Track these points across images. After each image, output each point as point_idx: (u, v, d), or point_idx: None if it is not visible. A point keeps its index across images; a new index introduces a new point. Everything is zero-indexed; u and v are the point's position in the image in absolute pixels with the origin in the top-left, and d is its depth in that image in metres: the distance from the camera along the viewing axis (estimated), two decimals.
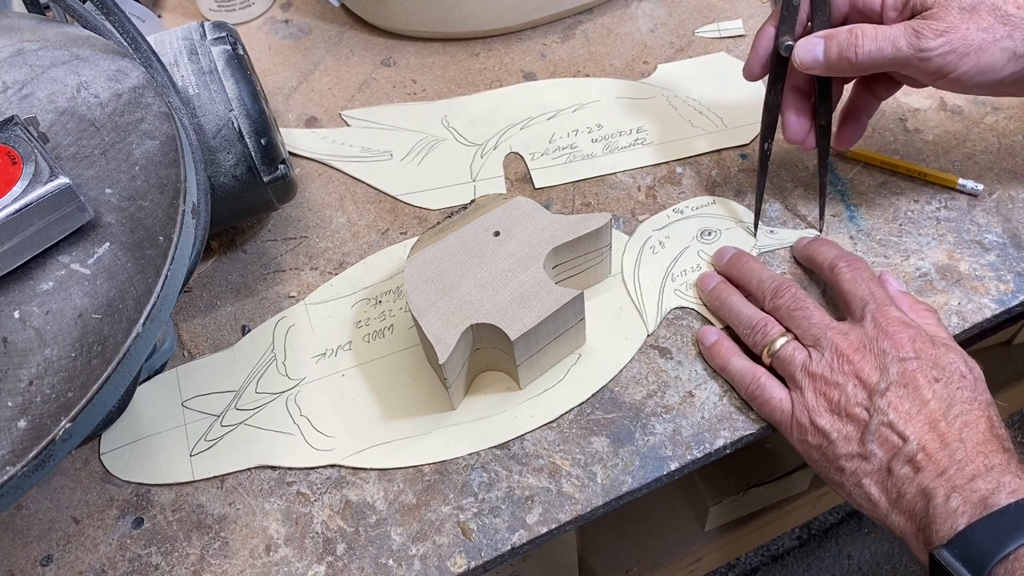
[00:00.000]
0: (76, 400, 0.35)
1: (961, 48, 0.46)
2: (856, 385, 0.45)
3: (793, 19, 0.51)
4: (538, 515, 0.47)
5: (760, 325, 0.50)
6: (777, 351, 0.49)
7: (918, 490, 0.42)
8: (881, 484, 0.44)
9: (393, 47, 0.73)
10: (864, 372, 0.45)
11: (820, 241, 0.54)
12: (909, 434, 0.43)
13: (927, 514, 0.41)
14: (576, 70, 0.70)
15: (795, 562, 1.18)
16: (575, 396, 0.51)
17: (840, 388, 0.46)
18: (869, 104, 0.55)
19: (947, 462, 0.42)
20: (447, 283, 0.49)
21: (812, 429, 0.46)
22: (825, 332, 0.47)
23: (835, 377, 0.46)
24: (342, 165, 0.65)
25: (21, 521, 0.49)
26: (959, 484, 0.41)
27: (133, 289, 0.38)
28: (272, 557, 0.47)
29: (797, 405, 0.47)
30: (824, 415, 0.46)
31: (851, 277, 0.50)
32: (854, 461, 0.45)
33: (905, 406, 0.44)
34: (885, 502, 0.44)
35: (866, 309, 0.48)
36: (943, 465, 0.42)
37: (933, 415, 0.43)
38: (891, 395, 0.44)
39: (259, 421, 0.52)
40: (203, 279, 0.59)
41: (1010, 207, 0.57)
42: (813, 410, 0.46)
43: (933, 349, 0.46)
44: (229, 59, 0.53)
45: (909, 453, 0.43)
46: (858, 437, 0.45)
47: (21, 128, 0.39)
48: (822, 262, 0.52)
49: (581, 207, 0.61)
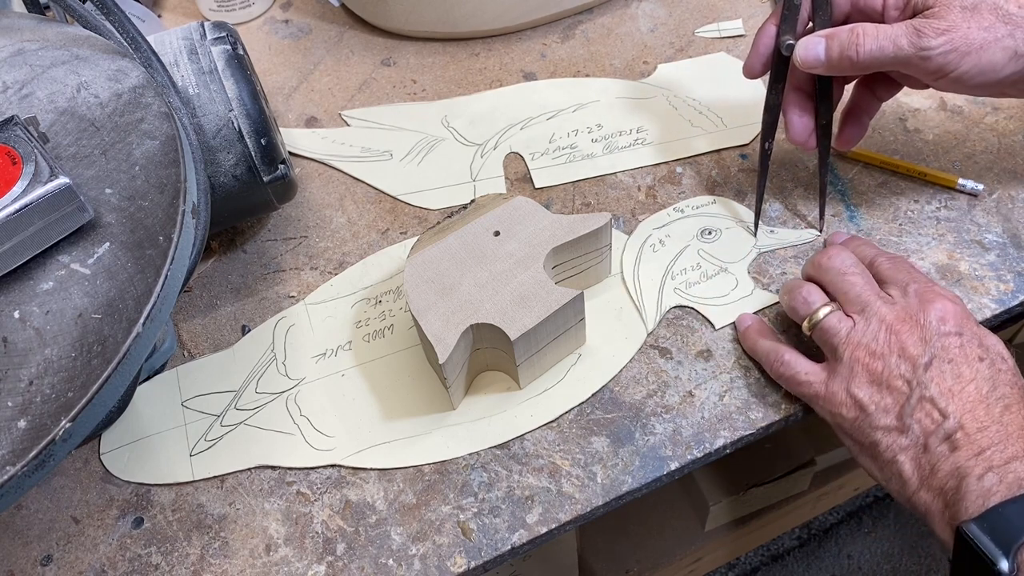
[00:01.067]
0: (76, 400, 0.35)
1: (962, 47, 0.46)
2: (900, 357, 0.44)
3: (794, 18, 0.51)
4: (538, 515, 0.47)
5: (801, 292, 0.49)
6: (820, 321, 0.48)
7: (952, 468, 0.42)
8: (915, 460, 0.43)
9: (393, 47, 0.73)
10: (908, 344, 0.45)
11: (859, 240, 0.54)
12: (950, 411, 0.42)
13: (958, 491, 0.41)
14: (576, 70, 0.70)
15: (795, 562, 1.18)
16: (575, 396, 0.51)
17: (883, 359, 0.45)
18: (870, 105, 0.55)
19: (986, 443, 0.41)
20: (447, 283, 0.49)
21: (849, 400, 0.45)
22: (873, 301, 0.46)
23: (880, 348, 0.45)
24: (342, 165, 0.65)
25: (21, 521, 0.49)
26: (996, 465, 0.40)
27: (133, 289, 0.38)
28: (272, 557, 0.47)
29: (833, 376, 0.46)
30: (863, 386, 0.45)
31: (891, 266, 0.49)
32: (891, 435, 0.44)
33: (948, 382, 0.43)
34: (916, 479, 0.43)
35: (909, 288, 0.47)
36: (982, 445, 0.41)
37: (975, 394, 0.43)
38: (934, 370, 0.44)
39: (259, 421, 0.52)
40: (203, 279, 0.59)
41: (1010, 207, 0.57)
42: (852, 380, 0.45)
43: (977, 328, 0.45)
44: (229, 59, 0.53)
45: (948, 430, 0.42)
46: (896, 410, 0.44)
47: (21, 128, 0.39)
48: (862, 259, 0.51)
49: (581, 207, 0.61)
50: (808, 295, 0.49)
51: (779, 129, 0.56)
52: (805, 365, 0.48)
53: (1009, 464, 0.40)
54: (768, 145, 0.56)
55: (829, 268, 0.49)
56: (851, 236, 0.55)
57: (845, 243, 0.53)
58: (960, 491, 0.41)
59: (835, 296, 0.49)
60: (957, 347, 0.44)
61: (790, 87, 0.54)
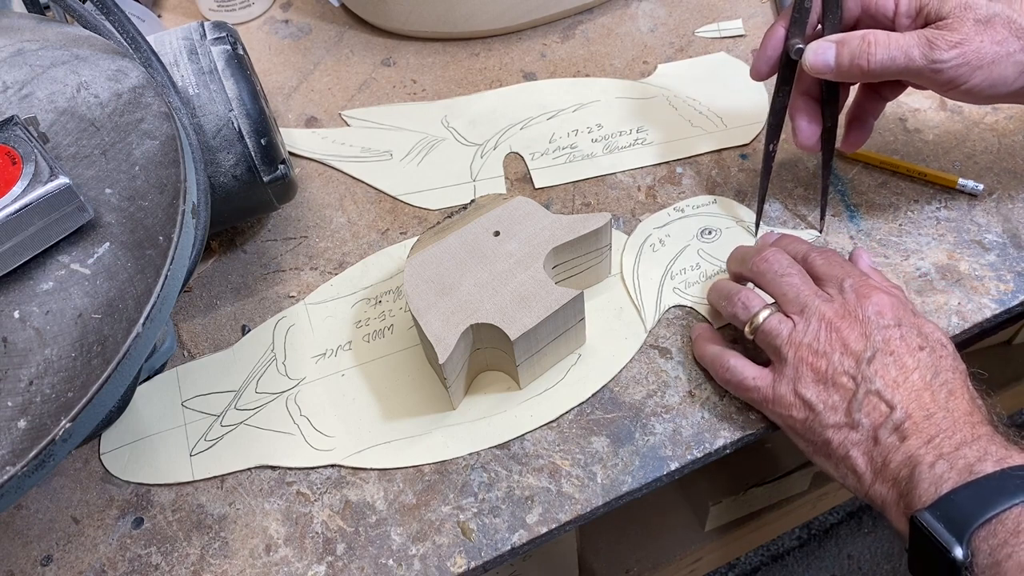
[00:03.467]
0: (76, 400, 0.35)
1: (974, 61, 0.46)
2: (843, 354, 0.45)
3: (804, 21, 0.51)
4: (538, 515, 0.47)
5: (739, 297, 0.49)
6: (761, 324, 0.48)
7: (904, 458, 0.42)
8: (867, 454, 0.44)
9: (393, 47, 0.73)
10: (850, 340, 0.45)
11: (790, 238, 0.53)
12: (896, 402, 0.43)
13: (911, 479, 0.41)
14: (576, 70, 0.70)
15: (795, 562, 1.18)
16: (575, 396, 0.51)
17: (827, 357, 0.45)
18: (875, 106, 0.55)
19: (934, 430, 0.42)
20: (447, 283, 0.49)
21: (797, 401, 0.46)
22: (812, 299, 0.47)
23: (822, 346, 0.45)
24: (342, 165, 0.65)
25: (21, 521, 0.49)
26: (946, 452, 0.41)
27: (133, 289, 0.38)
28: (272, 557, 0.47)
29: (779, 378, 0.46)
30: (810, 385, 0.45)
31: (825, 262, 0.49)
32: (841, 432, 0.44)
33: (892, 374, 0.44)
34: (870, 472, 0.43)
35: (844, 283, 0.47)
36: (930, 433, 0.42)
37: (919, 383, 0.44)
38: (877, 363, 0.44)
39: (259, 421, 0.52)
40: (203, 279, 0.59)
41: (1010, 207, 0.57)
42: (799, 380, 0.45)
43: (915, 317, 0.46)
44: (229, 59, 0.53)
45: (896, 421, 0.43)
46: (845, 407, 0.44)
47: (21, 128, 0.39)
48: (795, 256, 0.51)
49: (581, 207, 0.61)
50: (747, 300, 0.49)
51: (784, 132, 0.55)
52: (751, 370, 0.48)
53: (959, 451, 0.41)
54: (772, 147, 0.56)
55: (766, 271, 0.49)
56: (782, 235, 0.54)
57: (777, 242, 0.53)
58: (913, 480, 0.41)
59: (774, 297, 0.49)
60: (898, 338, 0.45)
61: (797, 91, 0.54)
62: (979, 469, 0.40)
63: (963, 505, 0.39)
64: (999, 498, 0.38)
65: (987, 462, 0.40)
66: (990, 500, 0.38)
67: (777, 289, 0.48)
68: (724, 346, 0.50)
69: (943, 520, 0.39)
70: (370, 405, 0.52)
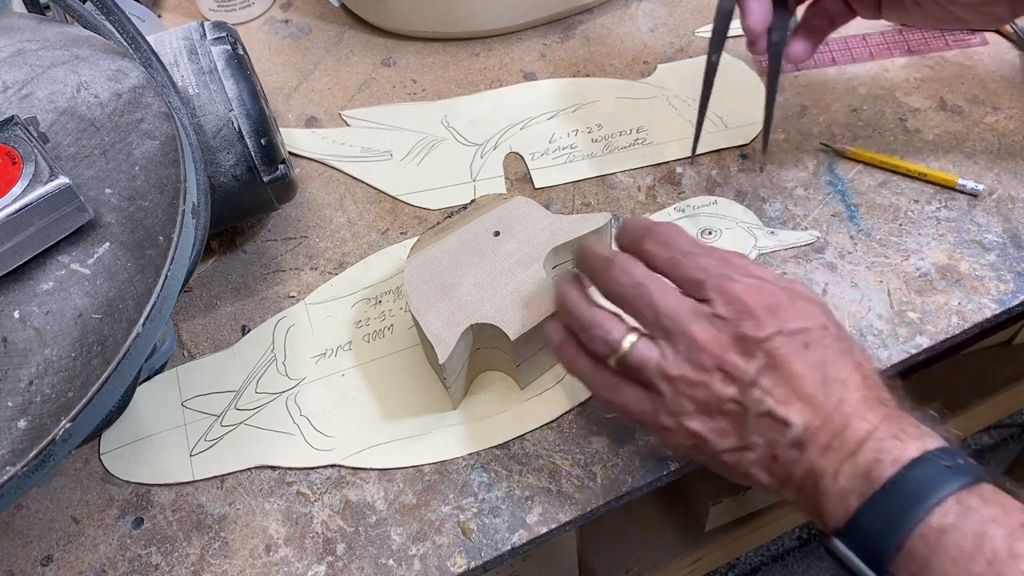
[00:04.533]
0: (76, 400, 0.35)
1: None
2: (723, 379, 0.39)
3: None
4: (538, 515, 0.47)
5: (597, 326, 0.42)
6: (626, 355, 0.41)
7: (805, 471, 0.39)
8: (768, 470, 0.40)
9: (393, 47, 0.73)
10: (728, 363, 0.39)
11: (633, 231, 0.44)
12: (790, 418, 0.38)
13: (816, 492, 0.38)
14: (576, 70, 0.70)
15: (795, 562, 1.18)
16: (575, 396, 0.51)
17: (706, 387, 0.39)
18: (822, 25, 0.53)
19: (829, 437, 0.38)
20: (447, 283, 0.49)
21: (683, 432, 0.40)
22: (676, 320, 0.40)
23: (698, 376, 0.39)
24: (342, 165, 0.65)
25: (21, 521, 0.49)
26: (844, 458, 0.38)
27: (133, 289, 0.38)
28: (272, 557, 0.47)
29: (661, 409, 0.41)
30: (694, 417, 0.40)
31: (669, 259, 0.42)
32: (736, 454, 0.40)
33: (781, 391, 0.39)
34: (776, 483, 0.40)
35: (706, 287, 0.40)
36: (825, 441, 0.38)
37: (810, 389, 0.39)
38: (763, 382, 0.39)
39: (259, 421, 0.52)
40: (203, 279, 0.59)
41: (1010, 207, 0.57)
42: (681, 414, 0.40)
43: (790, 305, 0.40)
44: (229, 59, 0.53)
45: (793, 437, 0.39)
46: (736, 432, 0.40)
47: (21, 128, 0.39)
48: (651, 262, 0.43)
49: (581, 207, 0.61)
50: (607, 331, 0.41)
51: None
52: (631, 392, 0.42)
53: (855, 457, 0.37)
54: (715, 57, 0.53)
55: (620, 293, 0.42)
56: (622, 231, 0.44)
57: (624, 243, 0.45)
58: (819, 493, 0.38)
59: (635, 319, 0.42)
60: (779, 347, 0.39)
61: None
62: (877, 475, 0.37)
63: (872, 531, 0.36)
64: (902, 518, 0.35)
65: (884, 465, 0.37)
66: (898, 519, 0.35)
67: (636, 309, 0.42)
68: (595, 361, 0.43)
69: (858, 551, 0.36)
70: (370, 405, 0.52)
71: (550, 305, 0.47)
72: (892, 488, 0.36)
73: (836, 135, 0.63)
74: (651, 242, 0.43)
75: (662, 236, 0.43)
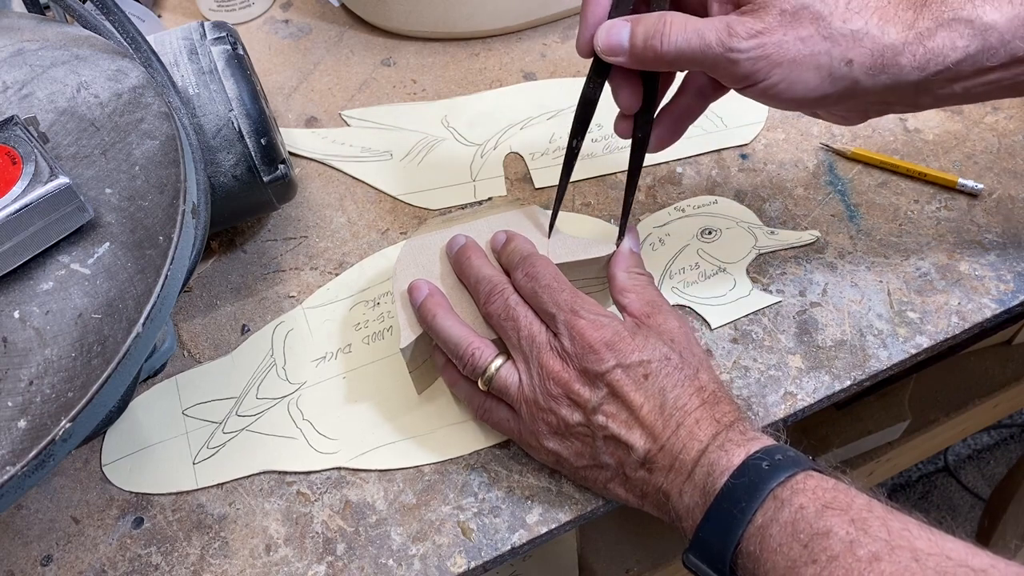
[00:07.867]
0: (76, 400, 0.35)
1: (775, 55, 0.41)
2: (570, 406, 0.44)
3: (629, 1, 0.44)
4: (538, 515, 0.47)
5: (467, 350, 0.46)
6: (492, 377, 0.46)
7: (655, 489, 0.42)
8: (623, 486, 0.44)
9: (393, 47, 0.73)
10: (574, 391, 0.43)
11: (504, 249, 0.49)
12: (633, 442, 0.42)
13: (669, 509, 0.42)
14: (576, 70, 0.69)
15: None
16: None
17: (556, 413, 0.44)
18: (691, 107, 0.49)
19: (669, 460, 0.42)
20: (434, 273, 0.49)
21: (543, 450, 0.46)
22: (532, 349, 0.45)
23: (547, 403, 0.44)
24: (342, 165, 0.65)
25: (21, 521, 0.49)
26: (684, 480, 0.41)
27: (133, 289, 0.38)
28: (272, 557, 0.47)
29: (523, 428, 0.46)
30: (550, 438, 0.45)
31: (531, 290, 0.46)
32: (593, 471, 0.45)
33: (622, 416, 0.43)
34: (635, 499, 0.44)
35: (557, 321, 0.45)
36: (666, 463, 0.42)
37: (649, 416, 0.42)
38: (606, 408, 0.43)
39: (261, 427, 0.52)
40: (203, 279, 0.59)
41: (1010, 207, 0.57)
42: (539, 434, 0.45)
43: (632, 340, 0.44)
44: (229, 59, 0.53)
45: (638, 458, 0.42)
46: (588, 452, 0.44)
47: (21, 128, 0.39)
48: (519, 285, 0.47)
49: (581, 207, 0.61)
50: (476, 356, 0.46)
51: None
52: (503, 412, 0.47)
53: (693, 474, 0.41)
54: (576, 143, 0.49)
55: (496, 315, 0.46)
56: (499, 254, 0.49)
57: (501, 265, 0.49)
58: (672, 510, 0.42)
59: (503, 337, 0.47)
60: (618, 379, 0.43)
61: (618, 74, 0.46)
62: (711, 488, 0.39)
63: (712, 542, 0.39)
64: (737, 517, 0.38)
65: (715, 475, 0.40)
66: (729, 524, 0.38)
67: (502, 333, 0.46)
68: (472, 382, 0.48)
69: (706, 561, 0.39)
70: (372, 407, 0.52)
71: None
72: (723, 498, 0.39)
73: (836, 135, 0.63)
74: (519, 272, 0.47)
75: (529, 268, 0.47)
